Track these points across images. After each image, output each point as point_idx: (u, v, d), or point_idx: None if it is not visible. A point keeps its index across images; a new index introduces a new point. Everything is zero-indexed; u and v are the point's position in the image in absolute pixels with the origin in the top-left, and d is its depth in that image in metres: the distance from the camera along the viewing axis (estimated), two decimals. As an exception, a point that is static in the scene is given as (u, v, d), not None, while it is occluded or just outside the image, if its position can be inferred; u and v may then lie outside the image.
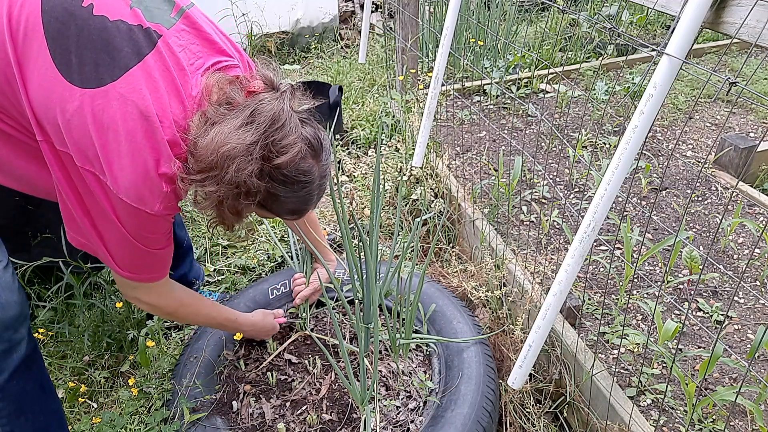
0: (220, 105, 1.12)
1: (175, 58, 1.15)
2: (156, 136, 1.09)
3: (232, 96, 1.12)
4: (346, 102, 3.30)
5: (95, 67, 1.08)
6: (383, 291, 1.65)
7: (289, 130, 1.11)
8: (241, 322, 1.61)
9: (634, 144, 1.10)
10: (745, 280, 1.93)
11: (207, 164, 1.08)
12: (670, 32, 1.04)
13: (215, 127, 1.08)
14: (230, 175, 1.07)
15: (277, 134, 1.10)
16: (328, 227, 2.41)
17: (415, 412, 1.51)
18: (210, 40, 1.23)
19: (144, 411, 1.61)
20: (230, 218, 1.18)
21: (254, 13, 3.91)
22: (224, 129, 1.07)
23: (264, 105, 1.10)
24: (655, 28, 4.18)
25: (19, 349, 1.24)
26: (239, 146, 1.06)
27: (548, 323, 1.30)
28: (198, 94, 1.16)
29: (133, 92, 1.08)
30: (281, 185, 1.15)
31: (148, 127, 1.09)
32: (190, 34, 1.21)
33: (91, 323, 1.86)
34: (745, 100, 3.08)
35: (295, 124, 1.13)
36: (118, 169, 1.09)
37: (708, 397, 1.42)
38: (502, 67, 3.37)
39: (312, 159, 1.16)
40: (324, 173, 1.21)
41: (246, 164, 1.07)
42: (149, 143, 1.09)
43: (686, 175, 2.50)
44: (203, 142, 1.08)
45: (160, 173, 1.11)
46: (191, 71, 1.17)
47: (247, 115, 1.09)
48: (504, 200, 2.24)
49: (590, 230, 1.19)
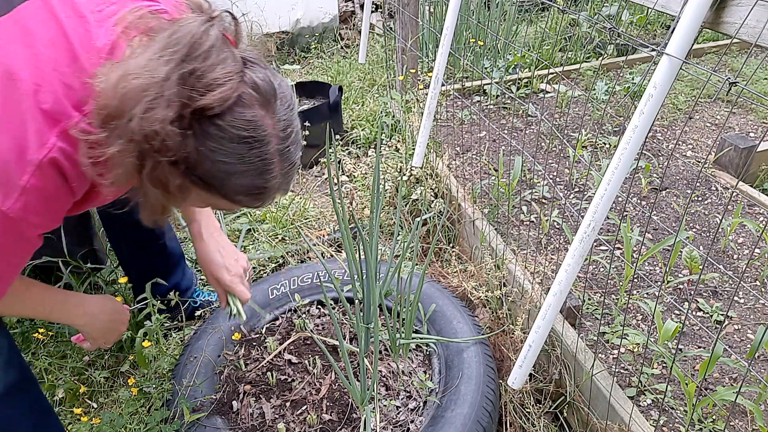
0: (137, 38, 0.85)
1: (71, 3, 0.92)
2: (21, 105, 0.84)
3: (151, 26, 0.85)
4: (346, 102, 3.30)
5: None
6: (383, 291, 1.65)
7: (218, 60, 0.82)
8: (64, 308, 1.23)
9: (634, 144, 1.10)
10: (745, 280, 1.93)
11: (108, 112, 0.80)
12: (670, 32, 1.04)
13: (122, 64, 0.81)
14: (135, 122, 0.78)
15: (197, 63, 0.80)
16: (328, 227, 2.41)
17: (415, 412, 1.51)
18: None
19: (144, 411, 1.61)
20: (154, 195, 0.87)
21: (254, 13, 3.91)
22: (131, 63, 0.80)
23: (182, 26, 0.82)
24: (655, 28, 4.18)
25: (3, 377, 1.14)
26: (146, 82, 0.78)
27: (548, 323, 1.30)
28: (106, 46, 0.89)
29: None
30: (216, 143, 0.83)
31: (11, 93, 0.84)
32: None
33: (91, 323, 1.86)
34: (745, 100, 3.08)
35: (229, 58, 0.83)
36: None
37: (708, 397, 1.42)
38: (502, 67, 3.37)
39: (260, 108, 0.85)
40: (284, 133, 0.89)
41: (157, 104, 0.78)
42: (9, 116, 0.84)
43: (686, 175, 2.50)
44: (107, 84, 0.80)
45: (23, 159, 0.84)
46: (97, 19, 0.92)
47: (162, 43, 0.81)
48: (504, 200, 2.24)
49: (590, 230, 1.19)
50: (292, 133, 0.91)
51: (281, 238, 2.34)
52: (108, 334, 1.34)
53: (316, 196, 2.67)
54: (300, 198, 2.54)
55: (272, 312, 1.83)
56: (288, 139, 0.90)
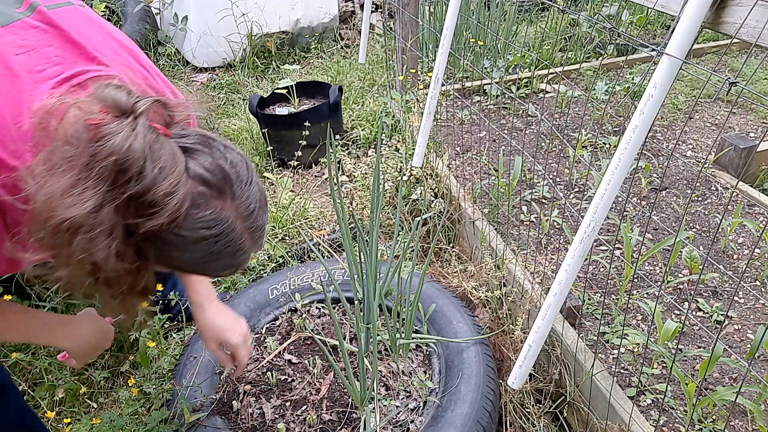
0: (68, 144, 0.74)
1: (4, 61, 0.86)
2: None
3: (76, 132, 0.74)
4: (346, 102, 3.30)
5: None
6: (383, 291, 1.65)
7: (155, 175, 0.73)
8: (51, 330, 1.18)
9: (634, 144, 1.10)
10: (745, 280, 1.93)
11: (48, 242, 0.75)
12: (670, 32, 1.04)
13: (45, 186, 0.73)
14: (78, 254, 0.73)
15: (134, 185, 0.73)
16: (327, 227, 2.41)
17: (415, 412, 1.51)
18: (76, 44, 0.93)
19: (144, 411, 1.61)
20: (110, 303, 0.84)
21: (254, 13, 3.91)
22: (54, 189, 0.72)
23: (104, 147, 0.72)
24: (655, 28, 4.18)
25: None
26: (75, 216, 0.71)
27: (548, 323, 1.30)
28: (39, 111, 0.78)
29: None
30: (178, 252, 0.81)
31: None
32: (46, 34, 0.92)
33: (91, 323, 1.86)
34: (745, 100, 3.08)
35: (167, 163, 0.74)
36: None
37: (708, 397, 1.42)
38: (502, 67, 3.37)
39: (216, 200, 0.80)
40: (247, 210, 0.84)
41: (96, 238, 0.73)
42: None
43: (686, 175, 2.50)
44: (35, 206, 0.74)
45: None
46: (36, 79, 0.87)
47: (83, 165, 0.72)
48: (504, 200, 2.24)
49: (590, 230, 1.19)
50: (255, 206, 0.86)
51: (281, 238, 2.34)
52: (94, 352, 1.30)
53: (316, 196, 2.67)
54: (300, 198, 2.54)
55: (272, 312, 1.83)
56: (252, 215, 0.86)
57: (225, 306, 1.39)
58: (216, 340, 1.36)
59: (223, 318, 1.36)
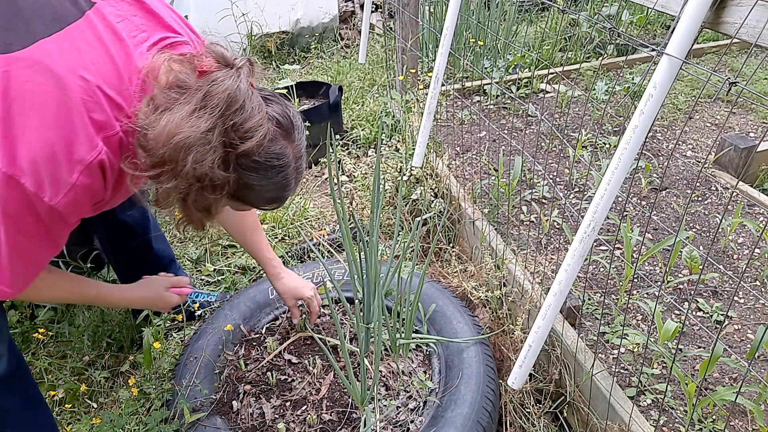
0: (170, 89, 0.98)
1: (112, 27, 1.03)
2: (72, 112, 0.95)
3: (182, 78, 0.99)
4: (346, 102, 3.30)
5: (5, 32, 0.95)
6: (383, 291, 1.65)
7: (251, 110, 0.99)
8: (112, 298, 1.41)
9: (634, 144, 1.10)
10: (745, 280, 1.93)
11: (159, 158, 0.95)
12: (670, 32, 1.04)
13: (165, 115, 0.95)
14: (188, 168, 0.95)
15: (236, 117, 0.97)
16: (327, 227, 2.41)
17: (415, 412, 1.51)
18: (154, 14, 1.11)
19: (144, 411, 1.61)
20: (198, 215, 1.05)
21: (254, 13, 3.91)
22: (175, 116, 0.94)
23: (217, 86, 0.97)
24: (655, 28, 4.18)
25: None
26: (194, 134, 0.94)
27: (548, 323, 1.30)
28: (144, 70, 1.02)
29: (48, 60, 0.94)
30: (253, 173, 1.04)
31: (64, 101, 0.94)
32: (131, 5, 1.10)
33: (91, 323, 1.86)
34: (745, 100, 3.08)
35: (257, 104, 1.01)
36: (22, 145, 0.93)
37: (708, 397, 1.42)
38: (502, 67, 3.37)
39: (283, 140, 1.06)
40: (299, 154, 1.11)
41: (205, 154, 0.95)
42: (62, 121, 0.94)
43: (686, 175, 2.50)
44: (153, 132, 0.95)
45: (71, 158, 0.95)
46: (133, 44, 1.05)
47: (200, 98, 0.96)
48: (504, 200, 2.24)
49: (590, 230, 1.19)
50: (303, 152, 1.13)
51: (281, 238, 2.34)
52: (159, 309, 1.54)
53: (316, 196, 2.67)
54: (300, 198, 2.54)
55: (272, 312, 1.83)
56: (301, 158, 1.12)
57: (293, 272, 1.70)
58: (294, 297, 1.65)
59: (295, 280, 1.66)
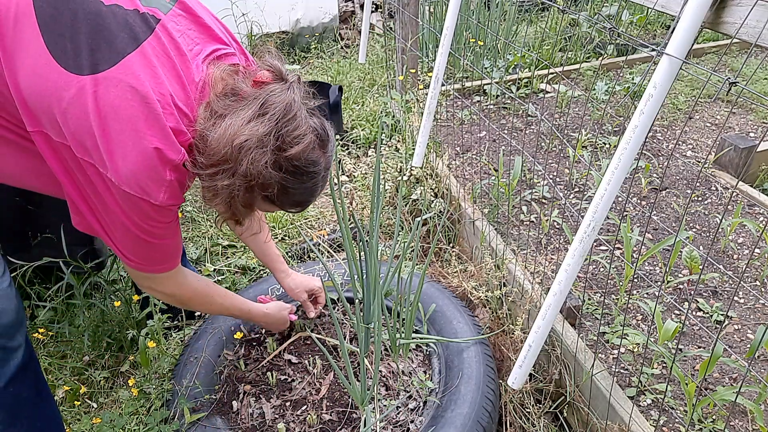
0: (226, 96, 1.11)
1: (175, 43, 1.13)
2: (159, 122, 1.06)
3: (239, 87, 1.11)
4: (346, 102, 3.30)
5: (91, 53, 1.04)
6: (383, 291, 1.65)
7: (300, 121, 1.11)
8: (254, 313, 1.60)
9: (634, 144, 1.10)
10: (745, 280, 1.93)
11: (220, 157, 1.07)
12: (670, 32, 1.04)
13: (225, 120, 1.08)
14: (245, 167, 1.07)
15: (289, 125, 1.10)
16: (327, 227, 2.41)
17: (415, 412, 1.51)
18: (206, 27, 1.21)
19: (144, 411, 1.61)
20: (242, 212, 1.17)
21: (254, 13, 3.91)
22: (236, 121, 1.07)
23: (275, 96, 1.10)
24: (655, 28, 4.18)
25: (16, 356, 1.22)
26: (253, 137, 1.06)
27: (548, 323, 1.30)
28: (201, 81, 1.14)
29: (132, 78, 1.04)
30: (291, 176, 1.14)
31: (150, 113, 1.05)
32: (187, 19, 1.19)
33: (91, 323, 1.86)
34: (745, 100, 3.08)
35: (304, 115, 1.13)
36: (120, 158, 1.05)
37: (708, 397, 1.42)
38: (502, 67, 3.37)
39: (320, 150, 1.17)
40: (328, 164, 1.21)
41: (260, 155, 1.07)
42: (151, 130, 1.05)
43: (686, 175, 2.50)
44: (214, 135, 1.07)
45: (164, 161, 1.08)
46: (191, 56, 1.15)
47: (259, 106, 1.08)
48: (504, 200, 2.24)
49: (590, 230, 1.19)
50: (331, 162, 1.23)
51: (281, 238, 2.34)
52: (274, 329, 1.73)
53: (316, 196, 2.67)
54: (300, 198, 2.54)
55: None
56: (329, 169, 1.22)
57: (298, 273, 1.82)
58: (305, 290, 1.74)
59: (303, 276, 1.77)
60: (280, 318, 1.68)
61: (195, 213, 2.47)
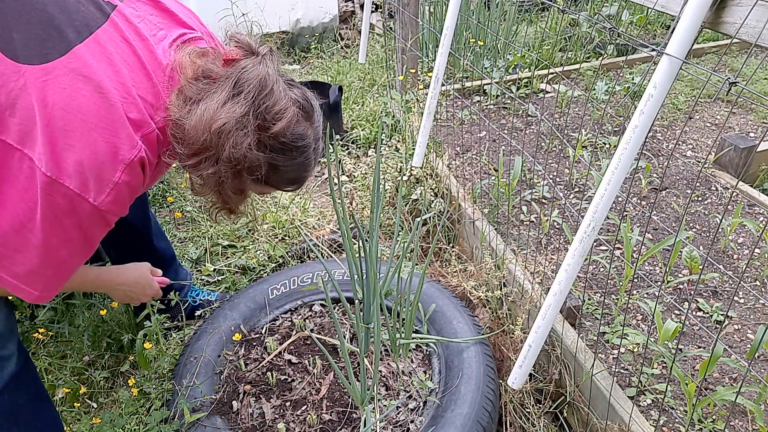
0: (197, 80, 1.05)
1: (134, 28, 1.07)
2: (112, 114, 0.99)
3: (210, 68, 1.05)
4: (346, 102, 3.30)
5: (41, 42, 0.98)
6: (383, 291, 1.65)
7: (279, 94, 1.05)
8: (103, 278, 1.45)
9: (634, 144, 1.10)
10: (745, 280, 1.93)
11: (200, 146, 1.02)
12: (670, 32, 1.04)
13: (200, 105, 1.02)
14: (227, 151, 1.01)
15: (267, 101, 1.04)
16: (328, 227, 2.41)
17: (415, 412, 1.51)
18: (169, 12, 1.16)
19: (144, 411, 1.61)
20: (233, 199, 1.13)
21: (254, 13, 3.90)
22: (211, 105, 1.01)
23: (248, 72, 1.03)
24: (655, 28, 4.18)
25: (8, 365, 1.20)
26: (231, 120, 1.00)
27: (548, 323, 1.30)
28: (168, 65, 1.08)
29: (85, 66, 0.98)
30: (280, 154, 1.09)
31: (103, 104, 0.98)
32: (147, 4, 1.14)
33: (91, 323, 1.86)
34: (745, 100, 3.08)
35: (282, 88, 1.07)
36: (64, 149, 0.96)
37: (708, 397, 1.42)
38: (502, 67, 3.37)
39: (306, 121, 1.11)
40: (318, 135, 1.16)
41: (243, 137, 1.01)
42: (103, 123, 0.98)
43: (686, 175, 2.50)
44: (190, 122, 1.01)
45: (115, 159, 1.00)
46: (155, 42, 1.09)
47: (232, 85, 1.02)
48: (504, 200, 2.24)
49: (590, 230, 1.19)
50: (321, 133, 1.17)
51: (281, 238, 2.34)
52: (129, 298, 1.54)
53: (316, 196, 2.67)
54: (300, 198, 2.54)
55: (272, 312, 1.83)
56: (319, 139, 1.17)
57: None
58: None
59: None
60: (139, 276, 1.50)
61: (195, 213, 2.47)
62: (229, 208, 1.17)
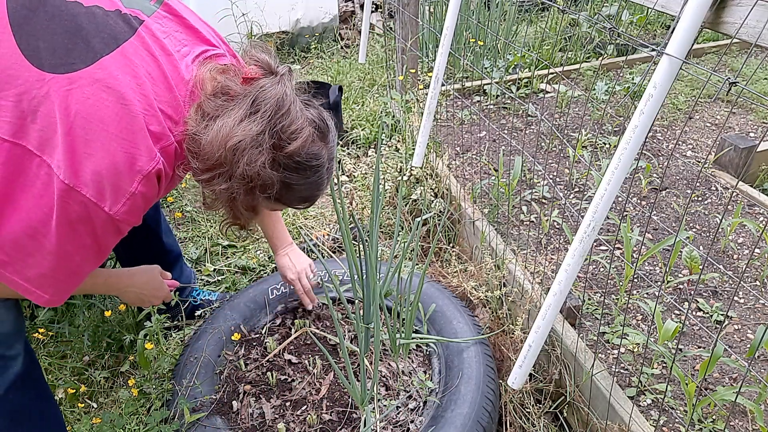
0: (216, 96, 1.07)
1: (160, 43, 1.10)
2: (133, 125, 1.01)
3: (228, 85, 1.07)
4: (346, 102, 3.30)
5: (67, 52, 1.00)
6: (383, 291, 1.65)
7: (295, 114, 1.07)
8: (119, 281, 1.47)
9: (634, 144, 1.10)
10: (745, 280, 1.93)
11: (215, 161, 1.03)
12: (670, 32, 1.04)
13: (217, 121, 1.03)
14: (241, 169, 1.02)
15: (284, 120, 1.05)
16: (328, 227, 2.41)
17: (415, 412, 1.51)
18: (193, 28, 1.19)
19: (144, 411, 1.61)
20: (245, 215, 1.13)
21: (254, 13, 3.90)
22: (228, 121, 1.03)
23: (266, 92, 1.05)
24: (655, 28, 4.18)
25: (15, 365, 1.21)
26: (247, 138, 1.02)
27: (548, 323, 1.30)
28: (190, 81, 1.10)
29: (110, 77, 1.00)
30: (294, 173, 1.10)
31: (125, 116, 1.00)
32: (173, 21, 1.16)
33: (91, 323, 1.86)
34: (745, 100, 3.08)
35: (299, 108, 1.09)
36: (83, 158, 0.98)
37: (708, 397, 1.42)
38: (502, 67, 3.37)
39: (320, 141, 1.13)
40: (332, 155, 1.17)
41: (257, 156, 1.02)
42: (124, 133, 1.00)
43: (686, 175, 2.50)
44: (207, 138, 1.03)
45: (133, 170, 1.01)
46: (179, 57, 1.12)
47: (250, 104, 1.04)
48: (504, 200, 2.24)
49: (590, 230, 1.19)
50: (335, 154, 1.20)
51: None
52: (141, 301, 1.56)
53: (316, 196, 2.67)
54: (300, 198, 2.53)
55: (272, 312, 1.83)
56: (333, 160, 1.19)
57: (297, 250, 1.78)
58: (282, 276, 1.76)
59: (288, 259, 1.74)
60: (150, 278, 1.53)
61: (195, 213, 2.47)
62: (239, 224, 1.17)
